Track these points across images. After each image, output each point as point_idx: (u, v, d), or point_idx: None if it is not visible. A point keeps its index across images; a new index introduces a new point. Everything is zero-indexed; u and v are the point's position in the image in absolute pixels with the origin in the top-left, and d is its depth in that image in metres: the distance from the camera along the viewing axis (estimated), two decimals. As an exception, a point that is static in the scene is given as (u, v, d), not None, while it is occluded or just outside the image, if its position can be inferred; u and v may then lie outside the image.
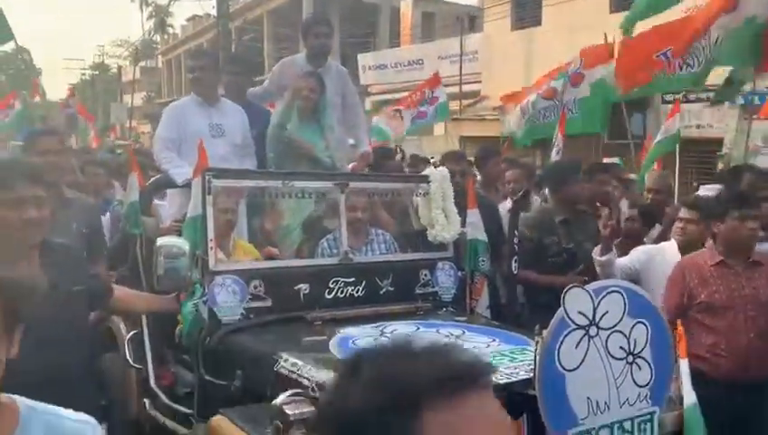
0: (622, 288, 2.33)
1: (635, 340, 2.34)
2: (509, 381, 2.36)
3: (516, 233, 3.70)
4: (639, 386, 2.35)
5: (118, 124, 25.92)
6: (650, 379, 2.36)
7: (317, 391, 2.39)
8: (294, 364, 2.60)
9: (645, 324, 2.36)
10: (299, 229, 4.04)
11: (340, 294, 3.34)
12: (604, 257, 3.85)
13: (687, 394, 2.53)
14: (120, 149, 10.65)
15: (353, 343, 2.84)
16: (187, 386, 3.37)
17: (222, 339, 3.01)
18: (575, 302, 2.21)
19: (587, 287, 2.25)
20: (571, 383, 2.19)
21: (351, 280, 3.38)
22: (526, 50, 16.24)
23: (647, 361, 2.38)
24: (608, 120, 6.49)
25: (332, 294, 3.33)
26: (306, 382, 2.46)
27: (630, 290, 2.35)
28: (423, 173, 3.88)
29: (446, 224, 3.60)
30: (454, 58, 18.95)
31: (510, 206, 4.90)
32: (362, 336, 2.92)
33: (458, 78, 17.98)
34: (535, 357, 2.17)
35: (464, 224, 3.70)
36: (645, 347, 2.37)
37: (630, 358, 2.34)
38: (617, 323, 2.29)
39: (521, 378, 2.36)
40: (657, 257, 3.88)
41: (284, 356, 2.68)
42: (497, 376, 2.41)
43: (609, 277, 4.04)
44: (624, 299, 2.30)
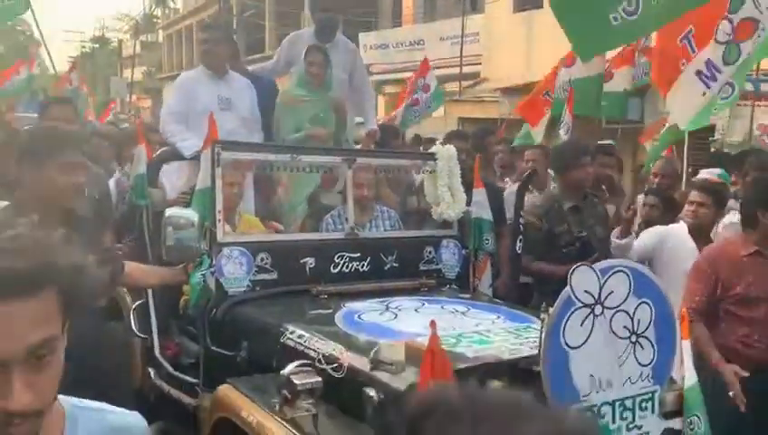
0: (628, 268, 2.36)
1: (639, 319, 2.37)
2: (513, 357, 2.40)
3: (522, 214, 3.70)
4: (642, 365, 2.38)
5: (118, 99, 25.78)
6: (653, 358, 2.40)
7: (323, 362, 2.42)
8: (301, 336, 2.64)
9: (649, 305, 2.39)
10: (304, 204, 4.05)
11: (346, 268, 3.37)
12: (624, 241, 3.82)
13: (689, 374, 2.56)
14: (125, 123, 10.59)
15: (358, 317, 2.87)
16: (192, 356, 3.40)
17: (228, 310, 3.04)
18: (581, 280, 2.24)
19: (593, 266, 2.27)
20: (574, 360, 2.22)
21: (357, 255, 3.40)
22: (527, 32, 16.14)
23: (650, 340, 2.41)
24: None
25: (338, 269, 3.35)
26: (313, 354, 2.49)
27: (636, 270, 2.38)
28: (430, 150, 3.89)
29: (451, 202, 3.62)
30: (455, 39, 18.84)
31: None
32: (367, 311, 2.95)
33: (459, 59, 17.92)
34: (541, 334, 2.20)
35: (469, 202, 3.72)
36: (648, 327, 2.40)
37: (634, 337, 2.37)
38: (622, 303, 2.32)
39: (525, 354, 2.39)
40: (669, 239, 3.87)
41: (291, 328, 2.71)
42: (502, 352, 2.45)
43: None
44: (630, 279, 2.33)
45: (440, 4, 25.09)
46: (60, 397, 1.13)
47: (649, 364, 2.40)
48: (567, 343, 2.21)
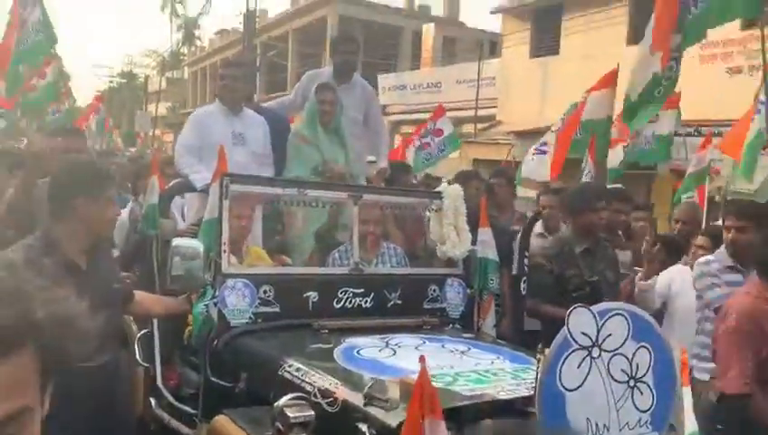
0: (626, 311, 2.34)
1: (637, 364, 2.34)
2: (509, 397, 2.38)
3: (527, 254, 3.70)
4: (640, 411, 2.35)
5: (142, 132, 26.28)
6: (651, 404, 2.36)
7: (318, 396, 2.42)
8: (299, 369, 2.64)
9: (648, 349, 2.37)
10: (312, 239, 4.09)
11: (349, 304, 3.38)
12: (647, 283, 3.84)
13: (689, 422, 2.52)
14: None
15: (357, 353, 2.87)
16: (193, 387, 3.40)
17: (229, 341, 3.06)
18: (579, 322, 2.23)
19: (591, 308, 2.26)
20: (571, 403, 2.20)
21: (360, 291, 3.41)
22: (543, 78, 16.37)
23: (648, 386, 2.38)
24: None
25: (341, 304, 3.36)
26: (309, 388, 2.49)
27: (634, 314, 2.36)
28: (436, 189, 3.92)
29: (456, 241, 3.63)
30: (471, 83, 19.16)
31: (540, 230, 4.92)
32: (367, 347, 2.95)
33: (474, 102, 18.18)
34: (537, 374, 2.18)
35: (474, 242, 3.73)
36: (647, 372, 2.37)
37: (632, 382, 2.34)
38: (620, 346, 2.30)
39: (521, 395, 2.37)
40: (685, 282, 3.86)
41: (289, 361, 2.72)
42: (498, 392, 2.43)
43: (648, 303, 4.06)
44: (628, 322, 2.31)
45: (459, 48, 25.50)
46: None
47: (648, 410, 2.36)
48: (563, 385, 2.19)
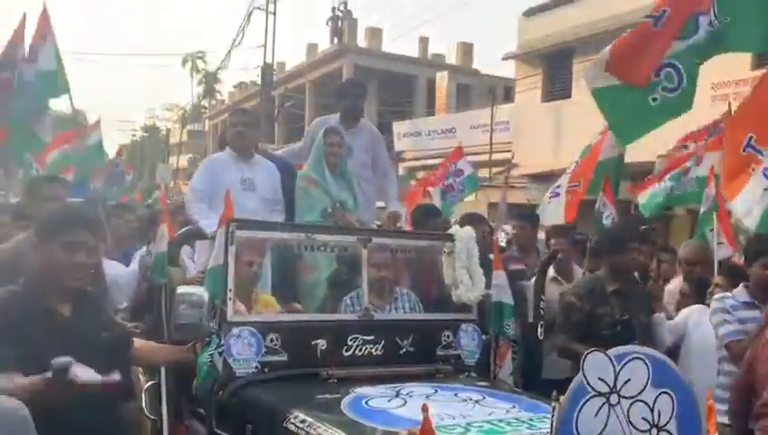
0: (645, 355, 2.22)
1: (659, 411, 2.21)
2: (523, 448, 2.26)
3: (542, 298, 3.60)
4: (665, 462, 2.21)
5: (163, 184, 26.67)
6: (677, 454, 2.23)
7: (324, 449, 2.32)
8: (304, 421, 2.54)
9: (670, 395, 2.24)
10: (324, 285, 4.01)
11: (359, 351, 3.28)
12: (659, 315, 3.94)
13: (717, 473, 2.37)
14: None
15: (366, 404, 2.76)
16: (200, 440, 3.30)
17: (235, 392, 2.97)
18: (595, 367, 2.11)
19: (608, 352, 2.15)
20: (589, 454, 2.07)
21: (371, 338, 3.31)
22: (555, 121, 16.48)
23: (672, 434, 2.25)
24: None
25: (350, 352, 3.26)
26: (314, 440, 2.39)
27: (654, 358, 2.24)
28: (448, 232, 3.84)
29: (470, 284, 3.53)
30: (485, 127, 19.38)
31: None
32: (376, 396, 2.83)
33: (489, 146, 18.35)
34: (551, 423, 2.07)
35: (488, 286, 3.63)
36: (670, 420, 2.23)
37: (654, 431, 2.20)
38: (640, 393, 2.17)
39: (536, 446, 2.25)
40: (703, 317, 3.85)
41: (295, 413, 2.62)
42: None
43: (661, 335, 4.12)
44: (648, 367, 2.19)
45: (474, 94, 25.80)
46: None
47: (673, 461, 2.23)
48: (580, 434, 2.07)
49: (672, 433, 2.23)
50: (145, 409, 3.54)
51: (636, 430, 2.17)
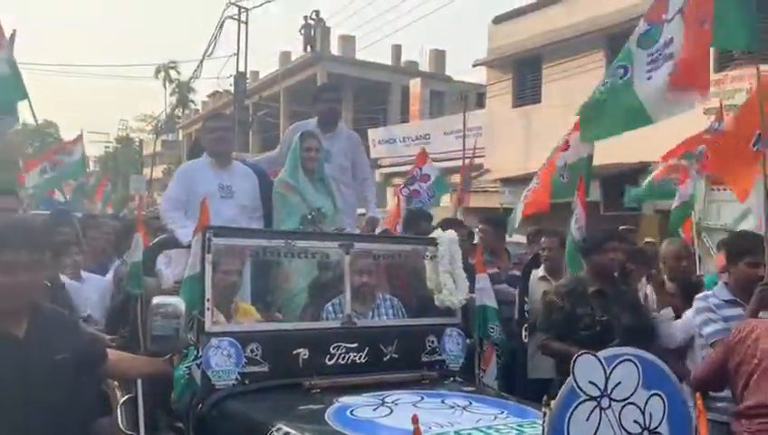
0: (635, 357, 2.18)
1: (650, 413, 2.17)
2: (514, 455, 2.20)
3: (526, 299, 3.56)
4: (657, 464, 2.17)
5: (137, 195, 26.38)
6: (669, 457, 2.18)
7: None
8: (287, 434, 2.46)
9: (661, 397, 2.20)
10: (304, 292, 3.93)
11: (342, 360, 3.20)
12: (665, 311, 3.93)
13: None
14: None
15: (351, 414, 2.68)
16: (179, 456, 3.20)
17: (215, 405, 2.87)
18: (585, 370, 2.06)
19: (598, 355, 2.11)
20: (581, 459, 2.02)
21: (354, 346, 3.24)
22: (526, 125, 16.67)
23: (664, 437, 2.21)
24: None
25: (333, 360, 3.18)
26: (298, 453, 2.31)
27: (645, 359, 2.20)
28: (431, 236, 3.78)
29: (453, 288, 3.48)
30: (459, 133, 19.57)
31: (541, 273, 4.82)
32: (361, 406, 2.76)
33: (462, 152, 18.51)
34: (542, 429, 2.01)
35: (472, 289, 3.58)
36: (662, 422, 2.19)
37: (646, 433, 2.17)
38: (630, 395, 2.13)
39: (526, 453, 2.19)
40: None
41: (278, 425, 2.53)
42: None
43: (670, 331, 4.09)
44: (638, 369, 2.15)
45: (447, 101, 26.01)
46: None
47: (665, 463, 2.19)
48: (572, 440, 2.02)
49: (663, 435, 2.20)
50: (121, 424, 3.43)
51: (628, 433, 2.12)
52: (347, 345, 3.23)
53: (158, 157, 37.32)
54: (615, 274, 4.25)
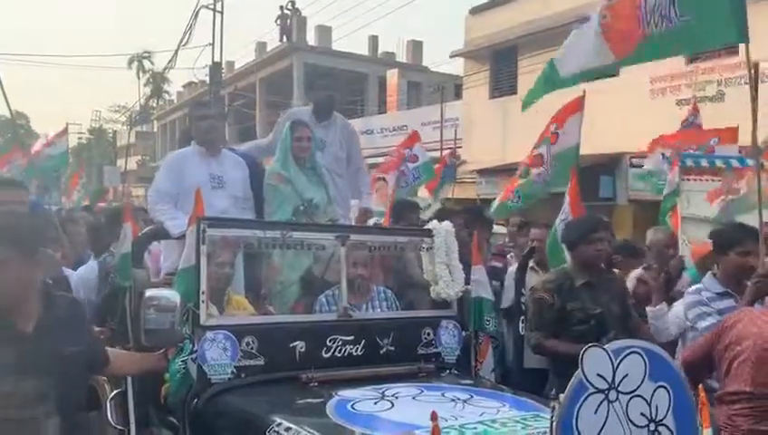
0: (641, 349, 2.17)
1: (656, 405, 2.17)
2: (523, 450, 2.18)
3: (523, 292, 3.54)
4: (663, 457, 2.17)
5: (111, 187, 25.98)
6: (673, 448, 2.18)
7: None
8: (288, 429, 2.41)
9: (667, 389, 2.20)
10: (297, 284, 3.88)
11: (338, 353, 3.17)
12: (657, 307, 3.81)
13: (712, 464, 2.34)
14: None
15: (352, 407, 2.65)
16: (172, 451, 3.14)
17: (210, 399, 2.82)
18: (593, 363, 2.06)
19: (605, 347, 2.10)
20: (590, 453, 2.01)
21: (350, 338, 3.20)
22: (503, 116, 16.75)
23: (669, 429, 2.20)
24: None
25: (330, 353, 3.15)
26: (301, 449, 2.27)
27: (650, 350, 2.19)
28: (426, 227, 3.75)
29: (450, 280, 3.45)
30: (436, 124, 19.57)
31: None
32: (361, 399, 2.72)
33: (439, 143, 18.53)
34: (551, 423, 2.00)
35: (468, 281, 3.56)
36: (667, 414, 2.19)
37: (652, 425, 2.16)
38: (637, 387, 2.13)
39: (534, 446, 2.18)
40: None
41: (277, 420, 2.49)
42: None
43: (662, 330, 4.01)
44: (644, 361, 2.15)
45: (425, 92, 26.08)
46: None
47: (670, 455, 2.19)
48: (580, 433, 2.01)
49: (669, 427, 2.20)
50: (111, 418, 3.36)
51: (635, 426, 2.12)
52: (343, 338, 3.20)
53: (133, 148, 36.78)
54: (602, 264, 4.21)
